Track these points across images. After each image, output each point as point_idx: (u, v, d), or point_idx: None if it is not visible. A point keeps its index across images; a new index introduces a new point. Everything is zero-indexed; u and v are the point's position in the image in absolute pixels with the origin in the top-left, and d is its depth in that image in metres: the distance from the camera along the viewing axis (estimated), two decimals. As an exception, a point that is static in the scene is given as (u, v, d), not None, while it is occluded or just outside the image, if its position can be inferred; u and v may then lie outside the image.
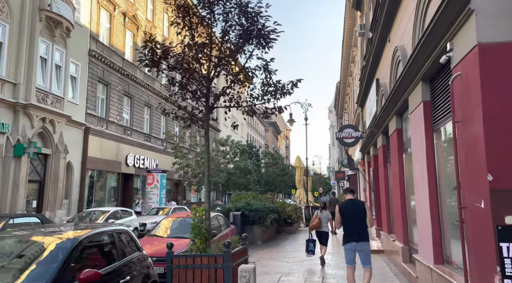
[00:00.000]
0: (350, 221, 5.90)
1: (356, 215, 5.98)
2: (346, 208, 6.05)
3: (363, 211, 6.10)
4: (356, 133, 13.94)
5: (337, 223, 6.15)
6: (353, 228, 5.85)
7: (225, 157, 27.49)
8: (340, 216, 6.02)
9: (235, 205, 12.73)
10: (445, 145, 5.45)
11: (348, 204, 6.14)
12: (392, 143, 8.53)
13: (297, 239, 14.11)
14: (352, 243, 5.80)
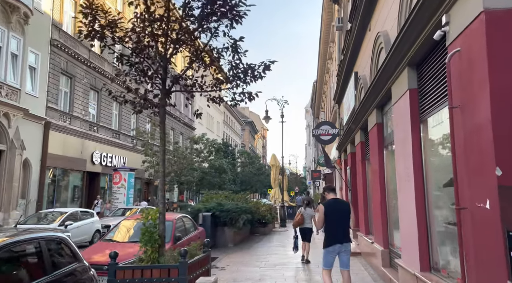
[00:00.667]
0: (334, 221, 5.47)
1: (340, 216, 5.53)
2: (330, 208, 5.55)
3: (347, 211, 5.64)
4: (333, 130, 13.39)
5: (319, 223, 5.68)
6: (338, 229, 5.46)
7: (199, 156, 26.50)
8: (324, 217, 5.53)
9: (206, 206, 11.87)
10: (435, 137, 4.85)
11: (332, 203, 5.63)
12: (372, 139, 7.95)
13: (271, 241, 13.41)
14: (336, 245, 5.40)
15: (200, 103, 39.68)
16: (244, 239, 13.29)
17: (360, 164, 9.77)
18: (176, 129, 33.33)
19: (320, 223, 5.63)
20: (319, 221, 5.64)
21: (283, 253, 10.74)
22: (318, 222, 5.73)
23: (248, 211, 12.78)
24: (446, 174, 4.58)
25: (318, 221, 5.67)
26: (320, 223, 5.64)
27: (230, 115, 54.56)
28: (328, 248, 5.45)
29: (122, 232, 8.10)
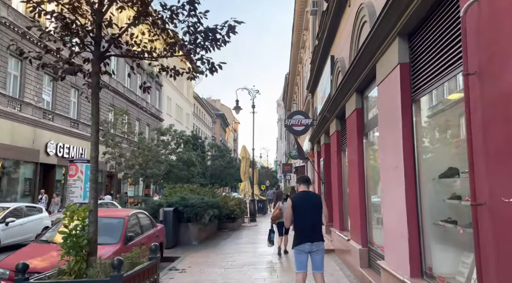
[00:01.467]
0: (304, 217, 4.77)
1: (311, 210, 4.80)
2: (299, 202, 4.84)
3: (319, 205, 4.89)
4: (306, 121, 12.65)
5: (287, 220, 4.99)
6: (307, 225, 4.75)
7: (166, 148, 25.17)
8: (291, 211, 4.83)
9: (168, 200, 10.80)
10: (429, 119, 4.12)
11: (303, 196, 4.91)
12: (350, 127, 7.22)
13: (240, 237, 12.55)
14: (306, 244, 4.69)
15: (169, 93, 38.11)
16: (210, 236, 12.35)
17: (335, 155, 9.06)
18: (142, 120, 31.67)
19: (288, 220, 4.91)
20: (286, 217, 4.96)
21: (252, 250, 9.91)
22: (285, 218, 5.01)
23: (215, 205, 11.83)
24: (443, 163, 3.85)
25: (286, 217, 5.00)
26: (288, 220, 4.93)
27: (200, 107, 53.07)
28: (297, 247, 4.75)
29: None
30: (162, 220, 10.08)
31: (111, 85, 26.33)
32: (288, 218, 4.88)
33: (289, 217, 4.86)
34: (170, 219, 10.21)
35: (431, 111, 4.15)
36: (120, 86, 27.90)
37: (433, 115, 4.12)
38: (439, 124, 4.09)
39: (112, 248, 6.16)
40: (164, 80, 36.74)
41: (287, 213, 4.91)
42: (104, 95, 25.38)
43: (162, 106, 36.42)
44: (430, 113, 4.17)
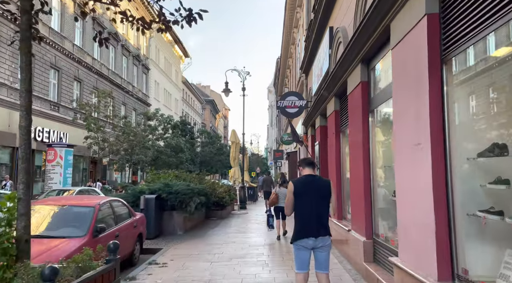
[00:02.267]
0: (307, 205, 3.87)
1: (316, 198, 3.90)
2: (303, 187, 3.94)
3: (327, 192, 4.00)
4: (300, 102, 11.74)
5: (287, 208, 4.06)
6: (311, 216, 3.85)
7: (153, 133, 24.06)
8: (293, 198, 3.95)
9: (150, 187, 9.86)
10: (467, 83, 3.26)
11: (307, 181, 3.99)
12: (353, 103, 6.33)
13: (229, 226, 11.73)
14: (309, 238, 3.82)
15: (157, 77, 36.72)
16: (197, 225, 11.50)
17: (333, 137, 8.20)
18: (129, 104, 30.36)
19: (289, 207, 4.01)
20: (287, 205, 4.06)
21: (242, 241, 9.09)
22: (286, 206, 4.10)
23: (202, 193, 10.94)
24: (483, 138, 3.01)
25: (286, 204, 4.08)
26: (288, 207, 4.02)
27: (189, 92, 51.68)
28: (297, 242, 3.89)
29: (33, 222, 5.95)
30: (143, 208, 9.17)
31: (95, 67, 24.95)
32: (289, 205, 3.99)
33: (290, 204, 3.97)
34: (152, 207, 9.30)
35: (468, 72, 3.27)
36: (104, 69, 26.49)
37: (471, 77, 3.24)
38: (478, 89, 3.23)
39: (77, 242, 5.25)
40: (151, 64, 35.32)
41: (288, 200, 4.01)
42: (86, 77, 24.07)
43: (150, 91, 35.07)
44: (466, 76, 3.29)
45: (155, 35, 35.47)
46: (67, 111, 21.80)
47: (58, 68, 21.35)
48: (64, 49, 21.62)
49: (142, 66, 33.52)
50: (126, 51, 30.15)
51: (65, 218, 5.91)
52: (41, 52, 19.83)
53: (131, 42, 31.13)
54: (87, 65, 24.11)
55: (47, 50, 20.32)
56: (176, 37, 39.53)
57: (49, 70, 20.64)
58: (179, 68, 44.27)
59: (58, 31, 21.33)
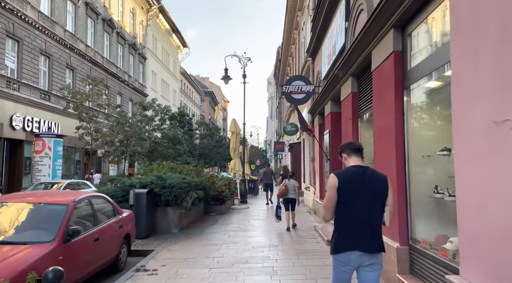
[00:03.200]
0: (356, 207, 2.76)
1: (369, 198, 2.77)
2: (352, 183, 2.78)
3: (383, 191, 2.83)
4: (307, 87, 10.59)
5: (327, 210, 2.84)
6: (362, 222, 2.76)
7: (149, 123, 22.87)
8: (336, 197, 2.77)
9: (141, 180, 8.75)
10: None
11: (357, 175, 2.82)
12: (381, 80, 5.20)
13: (230, 223, 10.66)
14: (353, 252, 2.74)
15: (154, 67, 35.43)
16: (194, 222, 10.43)
17: (350, 124, 7.09)
18: (125, 95, 29.13)
19: (330, 209, 2.82)
20: (327, 205, 2.85)
21: (244, 241, 8.02)
22: (325, 206, 2.87)
23: (199, 186, 9.85)
24: None
25: (326, 205, 2.86)
26: (329, 209, 2.82)
27: (188, 83, 50.37)
28: (338, 256, 2.79)
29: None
30: (133, 204, 8.07)
31: (88, 55, 23.67)
32: (330, 207, 2.80)
33: (332, 206, 2.79)
34: (144, 202, 8.20)
35: None
36: (99, 57, 25.20)
37: None
38: None
39: (42, 249, 4.15)
40: (148, 53, 34.00)
41: (328, 199, 2.83)
42: (80, 65, 22.82)
43: (147, 81, 33.79)
44: None
45: (152, 23, 34.11)
46: (59, 100, 20.57)
47: (48, 54, 20.09)
48: (55, 34, 20.34)
49: (139, 55, 32.20)
50: (121, 39, 28.83)
51: (30, 219, 4.80)
52: (30, 37, 18.57)
53: (126, 30, 29.77)
54: (80, 52, 22.84)
55: (36, 35, 19.05)
56: (173, 26, 38.13)
57: (39, 57, 19.38)
58: (177, 58, 42.90)
59: (48, 15, 20.02)
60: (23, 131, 17.84)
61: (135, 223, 7.59)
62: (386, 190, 2.82)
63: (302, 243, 7.67)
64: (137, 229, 7.79)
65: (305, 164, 15.49)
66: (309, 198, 13.85)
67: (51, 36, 20.10)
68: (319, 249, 7.06)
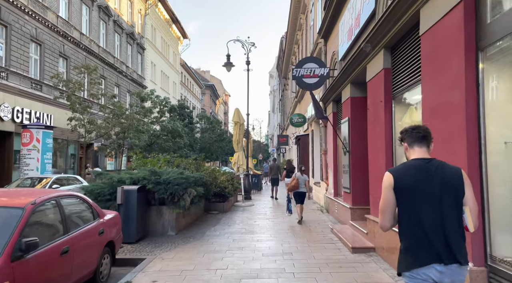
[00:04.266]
0: (426, 211, 2.15)
1: (442, 198, 2.13)
2: (414, 181, 2.18)
3: (458, 187, 2.16)
4: (321, 70, 9.28)
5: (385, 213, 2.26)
6: (434, 229, 2.12)
7: (147, 115, 21.61)
8: (393, 199, 2.22)
9: (132, 175, 7.48)
10: None
11: (421, 170, 2.19)
12: (440, 44, 3.89)
13: (233, 222, 9.43)
14: (429, 267, 2.10)
15: (153, 58, 34.07)
16: (194, 222, 9.20)
17: (382, 107, 5.79)
18: (122, 86, 27.79)
19: (388, 213, 2.24)
20: (384, 209, 2.25)
21: (251, 246, 6.78)
22: (382, 211, 2.25)
23: (199, 182, 8.61)
24: None
25: (383, 209, 2.25)
26: (387, 214, 2.24)
27: (188, 76, 48.95)
28: (410, 274, 2.16)
29: None
30: (122, 203, 6.82)
31: (83, 43, 22.31)
32: (388, 212, 2.23)
33: (389, 210, 2.23)
34: (134, 201, 6.94)
35: None
36: (94, 46, 23.83)
37: None
38: None
39: (-26, 274, 2.90)
40: (147, 43, 32.59)
41: (385, 203, 2.23)
42: (74, 53, 21.48)
43: (145, 72, 32.43)
44: None
45: (150, 13, 32.67)
46: (52, 90, 19.25)
47: (40, 41, 18.75)
48: (46, 20, 18.97)
49: (137, 46, 30.80)
50: (118, 28, 27.42)
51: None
52: (19, 23, 17.22)
53: (124, 19, 28.35)
54: (74, 40, 21.48)
55: (26, 21, 17.70)
56: (173, 16, 36.64)
57: (29, 44, 18.03)
58: (177, 49, 41.43)
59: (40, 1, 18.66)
60: (12, 123, 16.56)
61: (124, 226, 6.37)
62: (462, 186, 2.15)
63: (320, 249, 6.43)
64: (126, 232, 6.58)
65: (314, 158, 14.23)
66: (319, 194, 12.60)
67: (43, 22, 18.75)
68: (343, 258, 5.82)
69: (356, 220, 7.54)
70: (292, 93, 22.72)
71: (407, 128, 2.32)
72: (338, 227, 7.97)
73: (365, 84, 7.01)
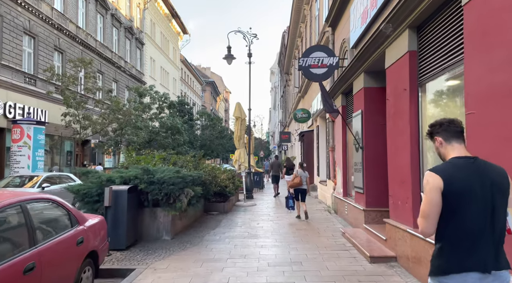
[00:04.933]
0: (476, 215, 1.88)
1: (489, 200, 1.88)
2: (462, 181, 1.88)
3: (505, 188, 1.92)
4: (330, 59, 8.50)
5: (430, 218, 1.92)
6: (483, 233, 1.88)
7: (144, 111, 20.82)
8: (440, 202, 1.88)
9: (122, 174, 6.72)
10: None
11: (466, 169, 1.91)
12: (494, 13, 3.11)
13: (235, 225, 8.68)
14: (471, 274, 1.86)
15: (152, 53, 33.26)
16: (192, 224, 8.45)
17: (407, 96, 5.01)
18: (121, 82, 27.01)
19: (433, 219, 1.92)
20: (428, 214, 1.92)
21: (256, 253, 6.03)
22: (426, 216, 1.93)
23: (197, 181, 7.85)
24: None
25: (426, 213, 1.93)
26: (431, 219, 1.92)
27: (189, 72, 48.12)
28: (446, 279, 1.90)
29: None
30: (110, 206, 6.05)
31: (79, 37, 21.51)
32: (434, 216, 1.92)
33: (436, 214, 1.91)
34: (124, 203, 6.18)
35: None
36: (91, 40, 23.03)
37: None
38: None
39: None
40: (146, 38, 31.77)
41: (432, 206, 1.90)
42: (69, 47, 20.68)
43: (144, 68, 31.62)
44: None
45: (150, 7, 31.82)
46: (47, 85, 18.46)
47: (34, 34, 17.95)
48: (40, 12, 18.16)
49: (136, 40, 29.97)
50: (116, 22, 26.60)
51: None
52: (11, 14, 16.42)
53: (122, 12, 27.52)
54: (70, 34, 20.67)
55: (18, 12, 16.90)
56: (173, 11, 35.78)
57: (22, 36, 17.24)
58: (177, 45, 40.56)
59: (32, -10, 17.83)
60: (4, 118, 15.81)
61: (113, 231, 5.64)
62: (508, 188, 1.96)
63: (333, 258, 5.67)
64: (115, 238, 5.83)
65: (319, 155, 13.45)
66: (326, 194, 11.84)
67: (36, 14, 17.95)
68: (361, 269, 5.06)
69: (370, 224, 6.78)
70: (295, 88, 21.90)
71: (441, 121, 2.08)
72: (350, 231, 7.20)
73: (381, 73, 6.24)
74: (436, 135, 2.06)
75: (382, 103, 6.12)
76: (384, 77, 5.96)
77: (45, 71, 16.66)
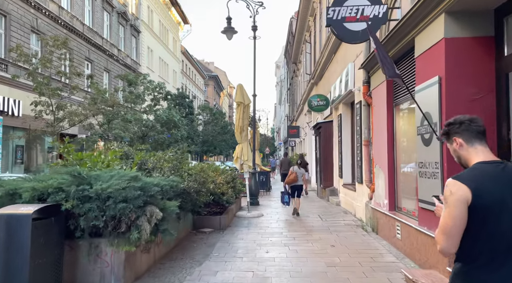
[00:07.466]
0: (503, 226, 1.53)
1: None
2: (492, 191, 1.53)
3: None
4: (375, 9, 5.59)
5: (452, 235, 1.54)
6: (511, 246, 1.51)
7: (136, 102, 18.02)
8: (466, 215, 1.53)
9: (35, 185, 3.80)
10: None
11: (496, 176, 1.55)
12: None
13: (232, 256, 5.78)
14: None
15: (150, 43, 30.39)
16: (169, 256, 5.56)
17: None
18: (113, 72, 24.21)
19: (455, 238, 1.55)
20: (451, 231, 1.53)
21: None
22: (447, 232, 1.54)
23: (178, 191, 4.97)
24: None
25: (450, 230, 1.54)
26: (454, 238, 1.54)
27: (190, 65, 45.23)
28: None
29: None
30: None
31: (62, 18, 18.69)
32: (458, 233, 1.54)
33: (460, 231, 1.54)
34: (25, 239, 3.29)
35: None
36: (77, 23, 20.20)
37: None
38: None
39: None
40: (143, 26, 28.89)
41: (455, 221, 1.52)
42: (50, 30, 17.84)
43: (141, 58, 28.76)
44: None
45: (146, -8, 28.93)
46: (20, 71, 15.66)
47: (4, 12, 15.16)
48: (12, -13, 15.35)
49: (131, 27, 27.10)
50: (108, 6, 23.75)
51: None
52: (-27, -14, 13.64)
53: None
54: (50, 14, 17.85)
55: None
56: (172, -3, 32.86)
57: (-12, 14, 14.46)
58: (178, 36, 37.64)
59: (0, -40, 14.99)
60: (-37, 109, 13.10)
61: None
62: None
63: None
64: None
65: (342, 151, 10.50)
66: (354, 202, 8.90)
67: (7, -12, 15.14)
68: None
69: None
70: (306, 74, 18.90)
71: (461, 119, 1.72)
72: (420, 273, 4.28)
73: (478, 15, 3.28)
74: (454, 135, 1.71)
75: (476, 65, 3.20)
76: (484, 20, 3.02)
77: (10, 51, 13.85)
